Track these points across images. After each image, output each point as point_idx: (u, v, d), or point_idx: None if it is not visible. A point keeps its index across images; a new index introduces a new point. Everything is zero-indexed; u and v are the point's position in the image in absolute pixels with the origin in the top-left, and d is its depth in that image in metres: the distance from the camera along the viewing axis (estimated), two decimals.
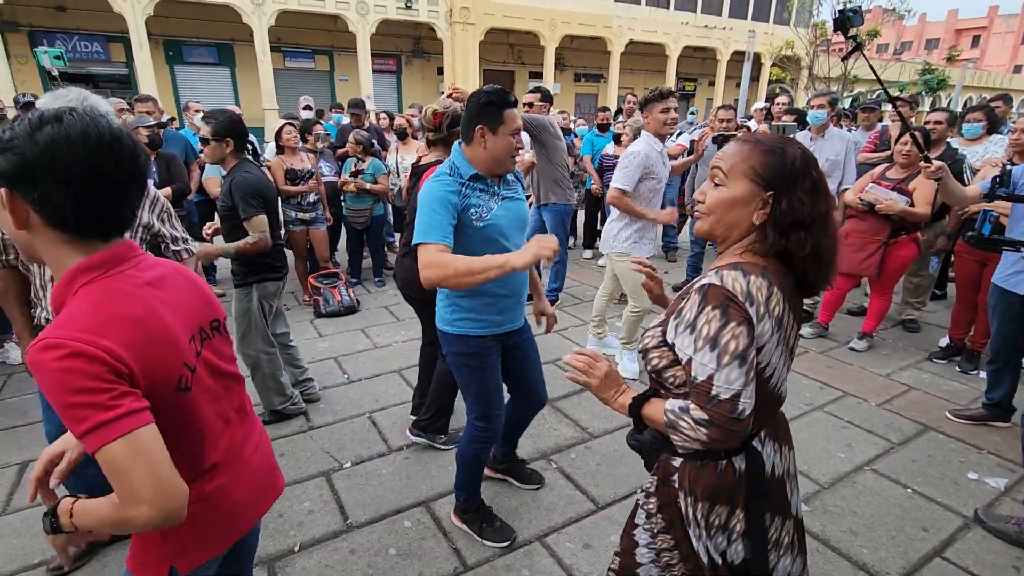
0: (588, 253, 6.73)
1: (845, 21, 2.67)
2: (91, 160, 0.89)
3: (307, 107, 7.32)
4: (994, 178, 2.64)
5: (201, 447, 1.05)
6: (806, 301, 4.55)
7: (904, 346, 4.17)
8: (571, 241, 7.16)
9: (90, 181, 0.90)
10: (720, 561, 1.20)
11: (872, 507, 2.43)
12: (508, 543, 2.19)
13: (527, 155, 4.28)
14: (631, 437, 1.36)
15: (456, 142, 1.95)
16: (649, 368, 1.22)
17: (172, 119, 7.00)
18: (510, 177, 2.00)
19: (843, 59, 3.63)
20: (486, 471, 2.50)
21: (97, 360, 0.84)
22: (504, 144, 1.84)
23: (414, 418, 2.89)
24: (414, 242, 1.79)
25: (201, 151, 2.85)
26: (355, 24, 16.78)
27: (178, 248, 2.19)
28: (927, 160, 2.80)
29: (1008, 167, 2.71)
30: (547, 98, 4.46)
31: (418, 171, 2.77)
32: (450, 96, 3.03)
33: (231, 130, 2.74)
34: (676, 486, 1.24)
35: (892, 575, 2.07)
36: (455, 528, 2.28)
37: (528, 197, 4.59)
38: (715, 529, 1.19)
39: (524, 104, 4.48)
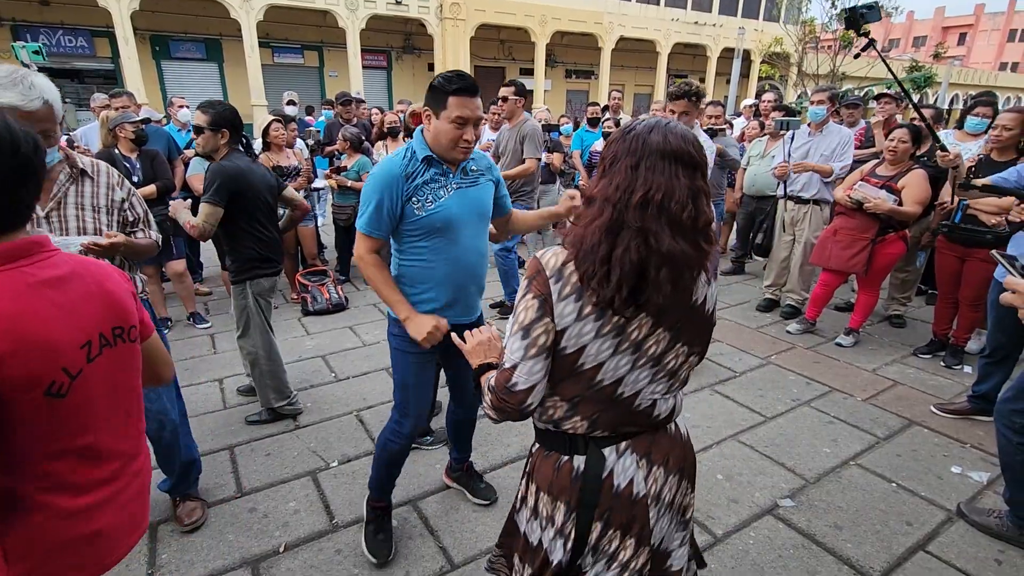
0: None
1: (857, 19, 2.67)
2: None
3: (291, 103, 7.25)
4: (970, 167, 2.68)
5: (72, 459, 1.00)
6: (794, 296, 4.59)
7: (890, 341, 4.21)
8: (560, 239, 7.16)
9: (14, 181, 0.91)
10: (541, 545, 1.22)
11: (857, 502, 2.45)
12: (376, 561, 2.07)
13: (529, 162, 4.26)
14: None
15: (419, 128, 1.91)
16: None
17: (166, 116, 6.89)
18: (473, 166, 1.92)
19: (855, 56, 3.65)
20: (444, 479, 2.51)
21: None
22: (445, 131, 1.75)
23: None
24: (357, 224, 1.87)
25: (195, 142, 2.79)
26: (345, 19, 16.65)
27: (133, 230, 2.13)
28: (944, 149, 2.82)
29: (981, 158, 2.75)
30: (521, 92, 4.37)
31: None
32: None
33: (228, 121, 2.71)
34: (527, 469, 1.29)
35: (876, 569, 2.08)
36: (441, 526, 2.27)
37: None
38: (551, 530, 1.19)
39: (499, 98, 4.44)
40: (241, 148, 2.85)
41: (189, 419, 2.44)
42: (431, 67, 19.80)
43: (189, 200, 2.83)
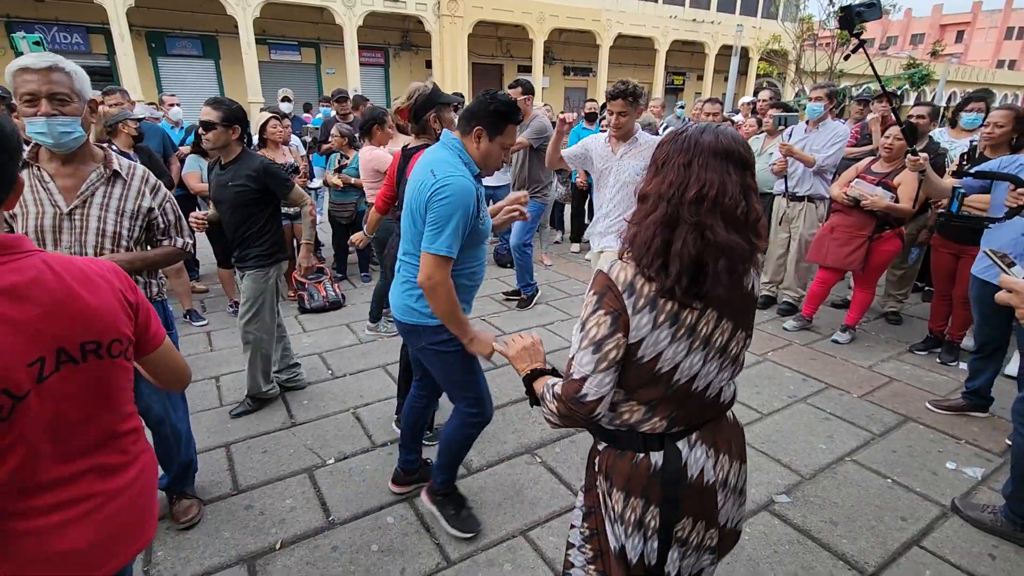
0: (575, 247, 6.73)
1: (852, 18, 2.56)
2: None
3: (285, 99, 7.21)
4: (962, 154, 2.68)
5: (24, 492, 0.91)
6: (790, 293, 4.60)
7: (886, 338, 4.22)
8: (558, 235, 7.17)
9: None
10: (630, 556, 1.23)
11: (852, 497, 2.46)
12: (471, 535, 2.18)
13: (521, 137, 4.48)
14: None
15: (451, 132, 1.94)
16: None
17: (163, 115, 6.85)
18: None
19: (845, 57, 3.64)
20: (391, 487, 2.46)
21: None
22: (495, 154, 1.90)
23: (398, 416, 2.87)
24: (429, 247, 1.76)
25: (203, 138, 2.81)
26: (342, 16, 16.58)
27: (160, 238, 2.09)
28: (914, 153, 2.82)
29: (974, 144, 2.75)
30: (529, 90, 4.52)
31: (407, 154, 2.76)
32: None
33: (239, 118, 2.79)
34: (596, 469, 1.28)
35: (871, 565, 2.09)
36: (437, 523, 2.27)
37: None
38: (628, 523, 1.21)
39: None
40: (248, 144, 2.97)
41: None
42: (428, 64, 19.74)
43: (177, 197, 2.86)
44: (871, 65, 2.71)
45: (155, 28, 15.94)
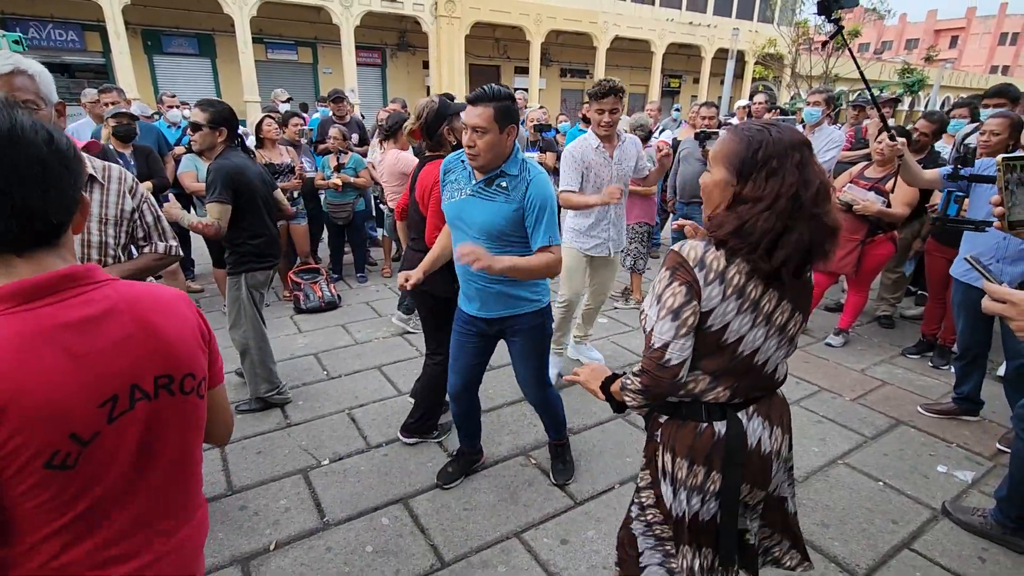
0: None
1: (831, 4, 2.53)
2: (29, 172, 0.75)
3: (288, 99, 7.20)
4: (955, 157, 2.70)
5: (82, 531, 0.81)
6: None
7: (879, 342, 4.25)
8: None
9: (19, 188, 0.74)
10: (688, 517, 1.31)
11: (844, 500, 2.48)
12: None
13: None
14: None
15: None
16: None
17: (156, 113, 6.83)
18: (502, 183, 2.01)
19: (823, 44, 3.62)
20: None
21: None
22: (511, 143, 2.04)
23: (399, 419, 2.89)
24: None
25: (190, 139, 2.81)
26: (339, 16, 16.56)
27: (142, 245, 2.01)
28: (892, 138, 2.85)
29: (970, 145, 2.79)
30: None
31: (421, 164, 2.71)
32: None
33: (226, 119, 2.78)
34: (658, 440, 1.36)
35: (862, 567, 2.11)
36: (432, 524, 2.28)
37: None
38: (690, 488, 1.29)
39: None
40: (237, 146, 2.89)
41: None
42: (426, 65, 19.74)
43: (172, 196, 2.86)
44: (855, 62, 2.72)
45: (151, 26, 15.87)
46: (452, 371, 2.38)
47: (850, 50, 2.77)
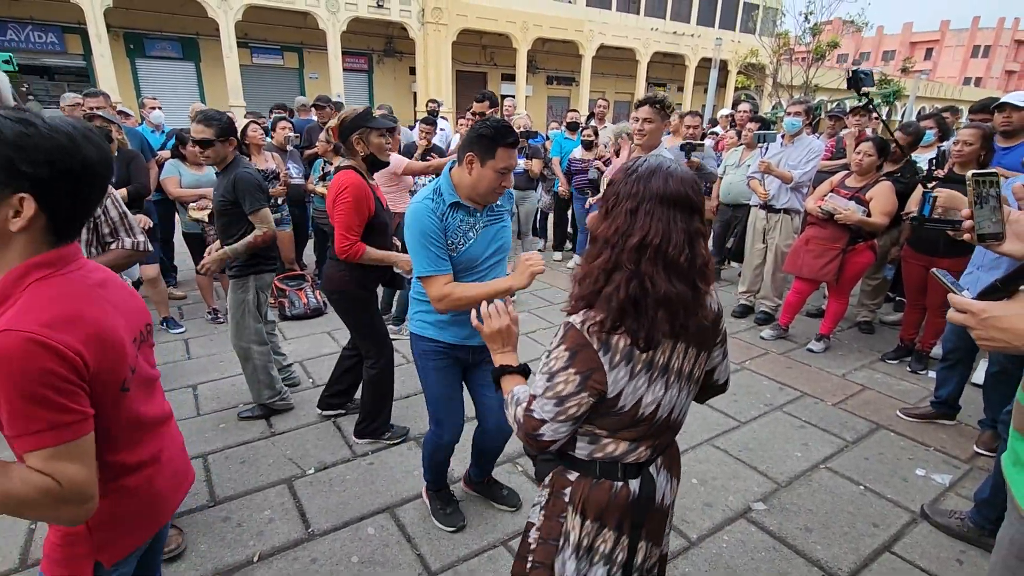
0: (558, 255, 6.77)
1: (858, 81, 3.34)
2: (94, 170, 0.96)
3: (282, 106, 7.16)
4: (930, 160, 2.89)
5: (133, 444, 1.08)
6: (767, 303, 4.69)
7: (859, 347, 4.33)
8: (541, 243, 7.21)
9: (90, 188, 0.97)
10: None
11: (827, 504, 2.51)
12: (453, 530, 2.27)
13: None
14: (527, 453, 1.40)
15: (450, 162, 1.95)
16: None
17: (129, 115, 6.73)
18: (499, 202, 1.99)
19: (853, 112, 4.30)
20: (463, 487, 2.52)
21: (61, 357, 0.85)
22: (489, 178, 1.82)
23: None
24: (416, 274, 1.87)
25: (201, 155, 2.83)
26: (325, 21, 16.52)
27: (110, 241, 2.04)
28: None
29: (942, 149, 3.03)
30: (495, 103, 4.41)
31: (335, 173, 2.74)
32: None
33: (232, 129, 2.80)
34: (566, 499, 1.22)
35: (844, 570, 2.14)
36: (419, 533, 2.27)
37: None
38: (596, 554, 1.20)
39: (475, 114, 4.46)
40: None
41: None
42: (412, 71, 19.75)
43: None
44: (886, 126, 3.08)
45: (133, 29, 15.69)
46: (450, 414, 2.14)
47: (879, 114, 3.23)
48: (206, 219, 4.17)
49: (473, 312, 1.40)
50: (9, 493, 0.84)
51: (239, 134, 4.55)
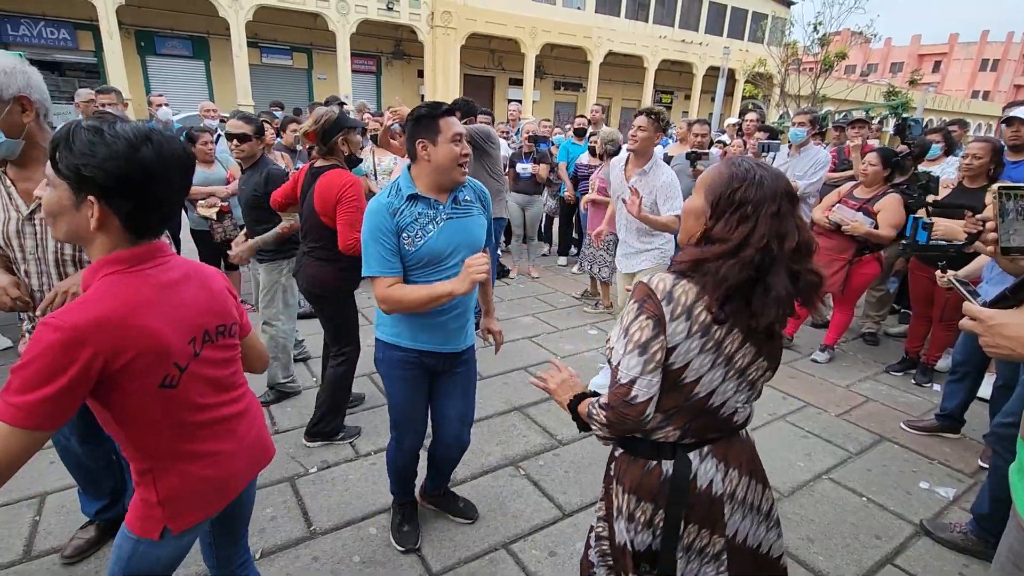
0: (563, 260, 6.78)
1: (906, 129, 4.18)
2: (174, 179, 1.07)
3: (278, 104, 7.20)
4: (919, 185, 3.12)
5: (195, 436, 1.18)
6: None
7: (864, 358, 4.32)
8: (546, 248, 7.22)
9: (167, 195, 1.08)
10: (632, 549, 1.29)
11: (829, 515, 2.51)
12: (402, 549, 2.17)
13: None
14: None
15: (405, 164, 1.92)
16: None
17: (151, 115, 6.79)
18: (465, 195, 1.93)
19: (852, 124, 4.46)
20: (419, 501, 2.38)
21: (73, 348, 0.94)
22: (446, 152, 1.79)
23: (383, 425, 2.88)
24: (364, 273, 1.85)
25: (234, 150, 3.03)
26: (335, 23, 16.64)
27: None
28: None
29: (933, 174, 3.15)
30: (471, 111, 4.28)
31: (315, 172, 2.72)
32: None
33: (263, 128, 3.07)
34: (611, 473, 1.35)
35: None
36: (420, 534, 2.27)
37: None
38: (639, 524, 1.27)
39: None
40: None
41: None
42: (420, 74, 19.86)
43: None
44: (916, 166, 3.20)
45: (145, 27, 15.83)
46: (411, 423, 2.08)
47: (915, 165, 3.38)
48: (214, 216, 4.19)
49: (533, 379, 1.49)
50: None
51: None
